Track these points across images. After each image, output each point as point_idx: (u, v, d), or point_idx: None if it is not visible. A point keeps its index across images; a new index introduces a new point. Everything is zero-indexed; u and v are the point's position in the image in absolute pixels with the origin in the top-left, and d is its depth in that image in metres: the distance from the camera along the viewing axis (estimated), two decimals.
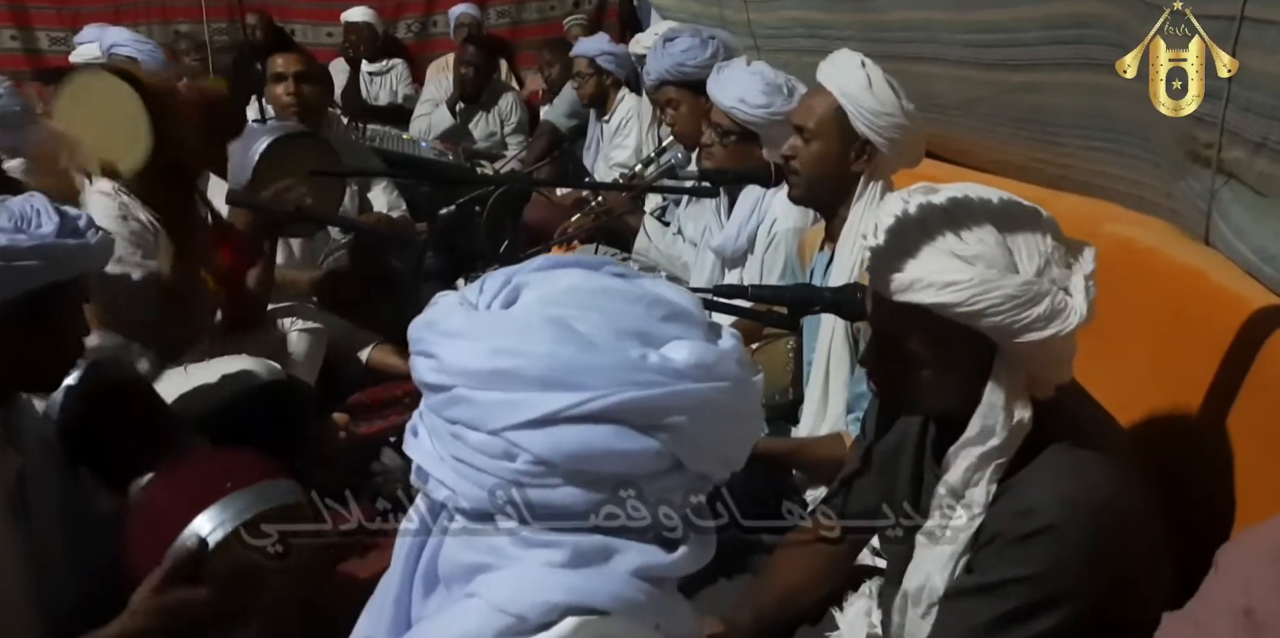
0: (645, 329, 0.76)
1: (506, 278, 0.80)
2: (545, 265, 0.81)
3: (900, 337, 1.26)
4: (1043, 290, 1.16)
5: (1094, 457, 1.23)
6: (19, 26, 5.55)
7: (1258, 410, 1.35)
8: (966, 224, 1.20)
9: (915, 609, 1.33)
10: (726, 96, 2.40)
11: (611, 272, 0.81)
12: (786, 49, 3.51)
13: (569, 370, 0.72)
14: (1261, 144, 1.46)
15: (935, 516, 1.32)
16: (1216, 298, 1.49)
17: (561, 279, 0.79)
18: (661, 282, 0.82)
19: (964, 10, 2.32)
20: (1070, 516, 1.18)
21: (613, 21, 5.86)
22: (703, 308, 0.82)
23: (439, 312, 0.79)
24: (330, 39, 5.74)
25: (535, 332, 0.74)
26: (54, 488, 1.55)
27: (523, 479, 0.72)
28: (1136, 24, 1.62)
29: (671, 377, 0.73)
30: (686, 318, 0.79)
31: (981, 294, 1.15)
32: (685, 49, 2.88)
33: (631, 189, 3.23)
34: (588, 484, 0.73)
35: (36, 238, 1.44)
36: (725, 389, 0.76)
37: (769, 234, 2.45)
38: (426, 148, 4.60)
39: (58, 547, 1.51)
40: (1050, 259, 1.19)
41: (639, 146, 4.06)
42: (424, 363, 0.76)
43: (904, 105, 1.90)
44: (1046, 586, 1.19)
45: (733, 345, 0.79)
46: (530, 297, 0.78)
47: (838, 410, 1.96)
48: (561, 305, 0.76)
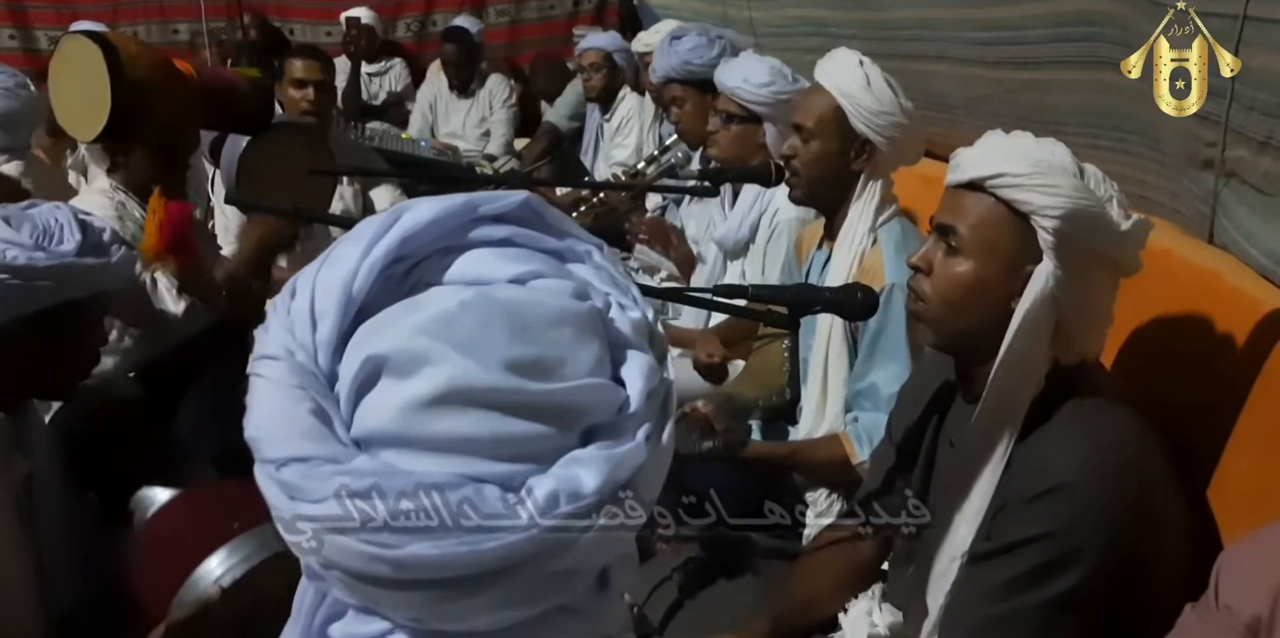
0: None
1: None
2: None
3: (955, 227, 1.31)
4: (1101, 201, 1.23)
5: (1114, 424, 1.25)
6: (18, 26, 5.54)
7: (1270, 413, 1.34)
8: (1048, 144, 1.30)
9: (936, 567, 1.35)
10: (731, 78, 2.43)
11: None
12: (789, 48, 3.50)
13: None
14: (1266, 143, 1.45)
15: (956, 476, 1.34)
16: (1230, 299, 1.49)
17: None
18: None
19: (968, 8, 2.31)
20: (1084, 476, 1.19)
21: (613, 21, 5.84)
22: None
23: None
24: (329, 38, 5.71)
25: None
26: (59, 494, 1.54)
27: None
28: (1142, 22, 1.61)
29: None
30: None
31: (1044, 174, 1.23)
32: (692, 47, 2.89)
33: (632, 188, 3.22)
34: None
35: (55, 256, 1.42)
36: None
37: (771, 224, 2.47)
38: (426, 147, 4.60)
39: (62, 553, 1.51)
40: (1115, 197, 1.26)
41: (639, 146, 4.05)
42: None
43: (903, 104, 1.90)
44: (1061, 545, 1.19)
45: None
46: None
47: (836, 409, 1.96)
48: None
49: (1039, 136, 1.33)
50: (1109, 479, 1.19)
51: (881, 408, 1.81)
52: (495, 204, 0.65)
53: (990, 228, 1.29)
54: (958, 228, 1.31)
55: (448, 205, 0.64)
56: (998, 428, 1.29)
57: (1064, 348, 1.28)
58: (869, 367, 1.87)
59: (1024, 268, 1.27)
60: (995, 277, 1.29)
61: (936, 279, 1.33)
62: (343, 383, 0.60)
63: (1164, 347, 1.55)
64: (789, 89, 2.37)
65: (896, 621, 1.47)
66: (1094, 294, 1.27)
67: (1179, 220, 1.77)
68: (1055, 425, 1.27)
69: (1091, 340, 1.30)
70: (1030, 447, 1.27)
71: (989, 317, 1.29)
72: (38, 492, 1.49)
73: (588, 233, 0.68)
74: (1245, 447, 1.36)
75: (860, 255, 1.93)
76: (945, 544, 1.35)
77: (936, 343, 1.39)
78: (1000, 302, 1.29)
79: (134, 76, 1.82)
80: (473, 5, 5.88)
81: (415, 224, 0.62)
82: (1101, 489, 1.19)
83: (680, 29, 3.12)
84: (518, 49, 5.95)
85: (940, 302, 1.33)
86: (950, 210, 1.33)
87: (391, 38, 5.87)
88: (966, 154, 1.32)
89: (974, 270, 1.30)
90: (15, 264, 1.39)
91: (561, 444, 0.60)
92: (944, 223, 1.33)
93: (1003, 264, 1.28)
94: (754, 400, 2.12)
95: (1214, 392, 1.43)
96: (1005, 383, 1.28)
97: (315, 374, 0.60)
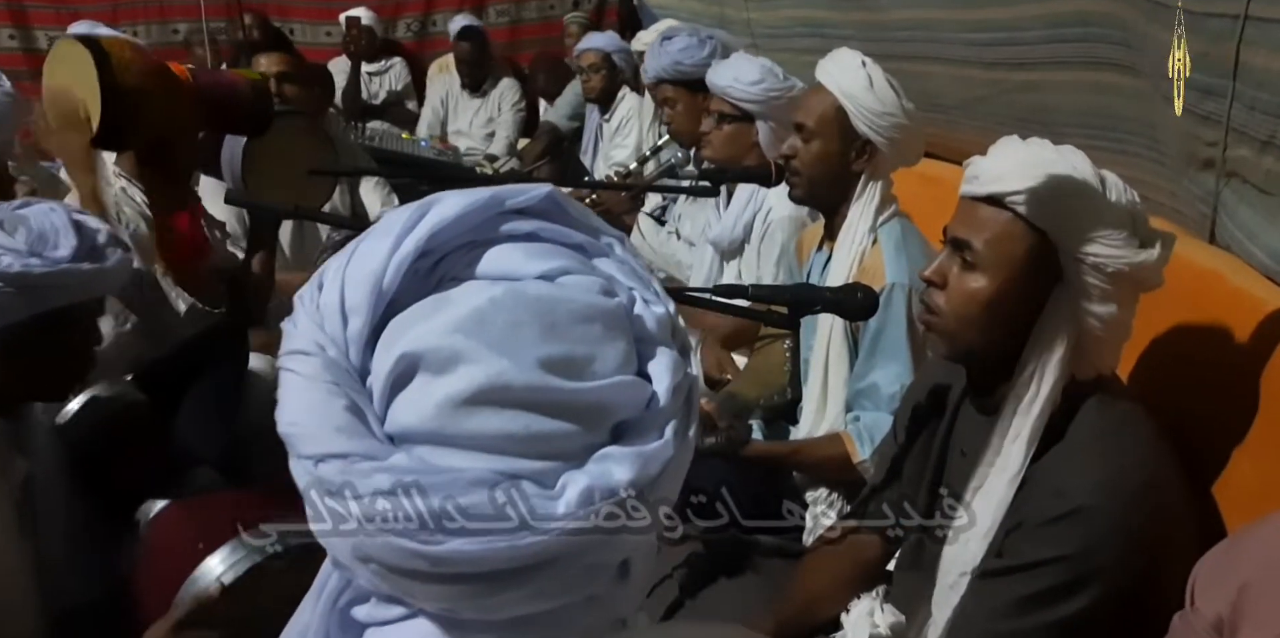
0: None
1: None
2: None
3: (971, 242, 1.28)
4: (1122, 217, 1.21)
5: (1132, 442, 1.23)
6: (17, 26, 5.54)
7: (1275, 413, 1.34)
8: (1068, 154, 1.28)
9: (944, 579, 1.33)
10: (722, 78, 2.44)
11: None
12: (786, 48, 3.50)
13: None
14: (1268, 143, 1.45)
15: (968, 491, 1.33)
16: (1232, 299, 1.49)
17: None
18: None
19: (965, 9, 2.31)
20: (1103, 499, 1.18)
21: (612, 21, 5.83)
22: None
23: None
24: (329, 38, 5.71)
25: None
26: (61, 497, 1.54)
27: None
28: (1140, 22, 1.61)
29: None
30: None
31: (1067, 194, 1.21)
32: (683, 48, 2.89)
33: (631, 188, 3.22)
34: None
35: (50, 263, 1.39)
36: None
37: (764, 224, 2.47)
38: (426, 147, 4.60)
39: (64, 554, 1.50)
40: (1135, 209, 1.24)
41: (639, 146, 4.05)
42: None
43: (904, 105, 1.90)
44: (1077, 567, 1.18)
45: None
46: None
47: (837, 409, 1.96)
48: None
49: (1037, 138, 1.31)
50: (1128, 502, 1.18)
51: (882, 407, 1.81)
52: (520, 198, 0.65)
53: (1008, 243, 1.25)
54: (974, 243, 1.27)
55: (474, 199, 0.64)
56: (1014, 446, 1.26)
57: (1080, 363, 1.26)
58: (869, 366, 1.87)
59: (1042, 285, 1.25)
60: (1013, 294, 1.26)
61: (952, 294, 1.30)
62: (376, 379, 0.60)
63: (1166, 347, 1.54)
64: (780, 87, 2.39)
65: (898, 621, 1.47)
66: (1114, 312, 1.24)
67: (1180, 220, 1.77)
68: (1073, 444, 1.25)
69: (1109, 356, 1.28)
70: (1048, 466, 1.25)
71: (1005, 333, 1.27)
72: (39, 494, 1.48)
73: (608, 226, 0.69)
74: (1250, 448, 1.36)
75: (860, 255, 1.93)
76: (955, 557, 1.34)
77: (950, 356, 1.37)
78: (1018, 318, 1.26)
79: (126, 83, 1.78)
80: (473, 5, 5.87)
81: (443, 219, 0.62)
82: (1120, 512, 1.18)
83: (671, 29, 3.14)
84: (518, 49, 5.95)
85: (955, 318, 1.30)
86: (966, 223, 1.29)
87: (391, 37, 5.87)
88: (983, 165, 1.29)
89: (991, 287, 1.27)
90: (10, 272, 1.36)
91: (592, 441, 0.60)
92: (959, 237, 1.29)
93: (1021, 281, 1.26)
94: (755, 399, 2.12)
95: (1217, 392, 1.43)
96: (1023, 402, 1.26)
97: (348, 370, 0.61)
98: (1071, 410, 1.26)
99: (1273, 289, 1.47)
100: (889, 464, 1.56)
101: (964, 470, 1.36)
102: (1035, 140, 1.31)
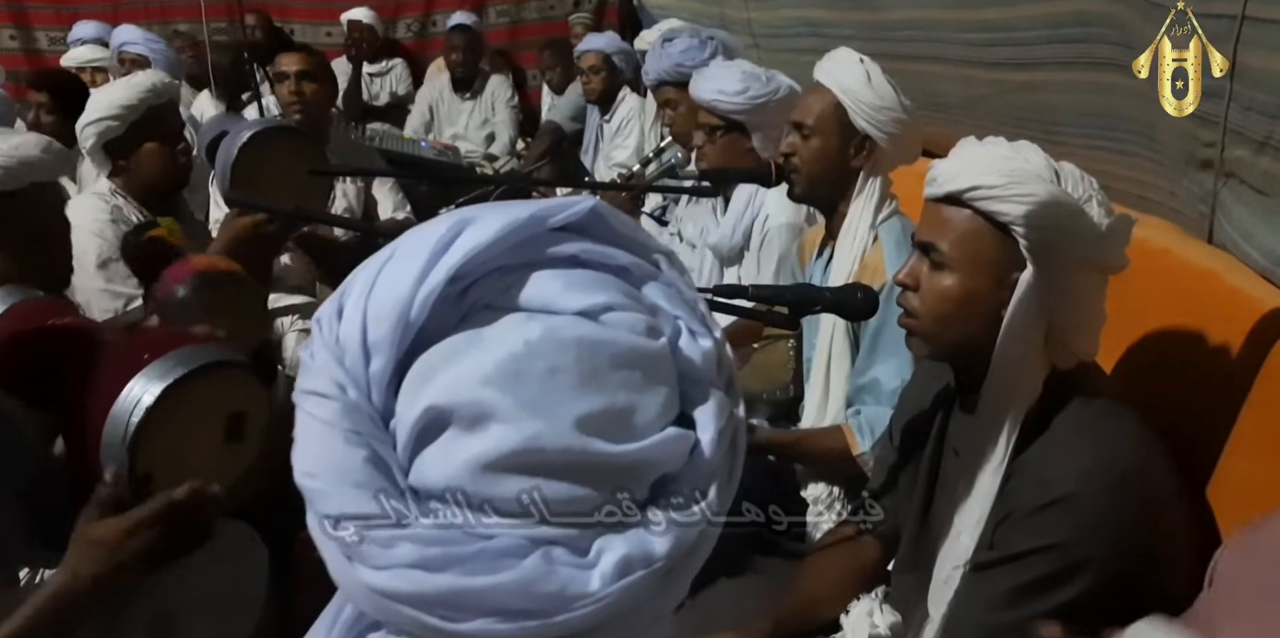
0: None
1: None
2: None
3: (936, 244, 1.31)
4: (1079, 203, 1.23)
5: (1116, 431, 1.25)
6: (18, 26, 5.54)
7: (1270, 412, 1.34)
8: (1022, 149, 1.31)
9: (938, 574, 1.35)
10: (705, 91, 2.41)
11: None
12: (786, 48, 3.51)
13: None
14: (1265, 143, 1.45)
15: (959, 485, 1.34)
16: (1229, 299, 1.49)
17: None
18: None
19: (966, 9, 2.31)
20: (1088, 487, 1.20)
21: (612, 21, 5.83)
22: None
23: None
24: (330, 39, 5.71)
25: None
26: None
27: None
28: (1139, 23, 1.61)
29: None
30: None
31: (1020, 183, 1.23)
32: (684, 49, 2.88)
33: (631, 189, 3.22)
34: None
35: None
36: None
37: (762, 230, 2.46)
38: (426, 147, 4.60)
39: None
40: (1094, 196, 1.26)
41: (640, 147, 4.05)
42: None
43: (903, 101, 1.91)
44: (1066, 556, 1.20)
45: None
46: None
47: (838, 406, 1.97)
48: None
49: (1037, 138, 1.33)
50: (1113, 490, 1.20)
51: (884, 402, 1.82)
52: (562, 215, 0.60)
53: (972, 241, 1.29)
54: (939, 243, 1.31)
55: (512, 220, 0.58)
56: (995, 436, 1.29)
57: (1058, 352, 1.29)
58: (870, 362, 1.88)
59: (1010, 277, 1.27)
60: (982, 288, 1.30)
61: (925, 295, 1.34)
62: (401, 426, 0.56)
63: (1163, 347, 1.55)
64: (764, 91, 2.34)
65: (897, 621, 1.47)
66: (1081, 297, 1.27)
67: (1178, 220, 1.78)
68: (1057, 434, 1.27)
69: (1085, 342, 1.30)
70: (1033, 456, 1.27)
71: (981, 327, 1.30)
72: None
73: (655, 239, 0.65)
74: (1245, 446, 1.36)
75: (862, 253, 1.93)
76: (948, 553, 1.35)
77: (932, 355, 1.40)
78: (990, 312, 1.29)
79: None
80: (473, 5, 5.88)
81: (478, 243, 0.57)
82: (1106, 500, 1.19)
83: (671, 31, 3.12)
84: (518, 49, 5.95)
85: (931, 317, 1.34)
86: (930, 225, 1.33)
87: (392, 38, 5.88)
88: (941, 167, 1.33)
89: (960, 284, 1.31)
90: None
91: (631, 499, 0.57)
92: (924, 240, 1.34)
93: (988, 275, 1.29)
94: (759, 394, 2.12)
95: (1213, 392, 1.43)
96: (1000, 391, 1.29)
97: (370, 416, 0.56)
98: (1055, 403, 1.28)
99: (1269, 289, 1.47)
100: (887, 468, 1.56)
101: (958, 470, 1.37)
102: (991, 139, 1.34)
